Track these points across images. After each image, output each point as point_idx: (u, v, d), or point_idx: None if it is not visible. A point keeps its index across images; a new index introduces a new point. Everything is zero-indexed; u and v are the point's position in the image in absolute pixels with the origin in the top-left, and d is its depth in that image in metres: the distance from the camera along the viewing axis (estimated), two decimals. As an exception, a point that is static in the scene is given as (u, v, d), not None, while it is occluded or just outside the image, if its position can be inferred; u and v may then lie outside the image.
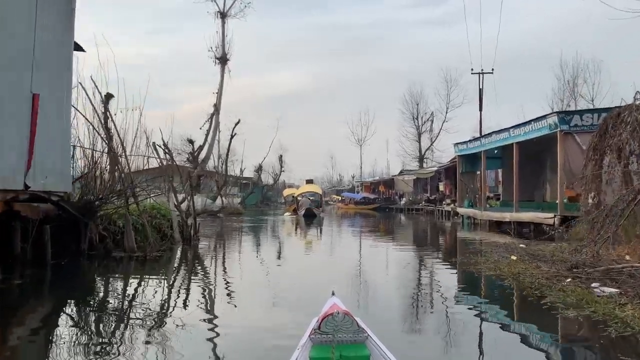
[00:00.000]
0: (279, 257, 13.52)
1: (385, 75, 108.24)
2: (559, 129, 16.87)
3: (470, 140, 25.80)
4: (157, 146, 14.29)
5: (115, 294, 8.00)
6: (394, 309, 6.82)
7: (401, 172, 54.45)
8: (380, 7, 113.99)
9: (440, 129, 57.19)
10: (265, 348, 4.97)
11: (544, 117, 18.01)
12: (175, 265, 11.47)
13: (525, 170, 23.55)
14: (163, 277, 9.67)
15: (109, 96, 25.50)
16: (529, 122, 19.20)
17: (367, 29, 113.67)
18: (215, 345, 5.13)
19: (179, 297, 7.76)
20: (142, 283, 8.89)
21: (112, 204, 11.31)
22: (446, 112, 56.40)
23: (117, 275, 9.78)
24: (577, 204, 19.33)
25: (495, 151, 25.07)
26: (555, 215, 16.97)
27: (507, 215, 20.35)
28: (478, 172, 27.29)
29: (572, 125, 16.81)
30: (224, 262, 12.42)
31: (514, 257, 9.73)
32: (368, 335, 3.73)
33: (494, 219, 21.64)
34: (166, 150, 15.66)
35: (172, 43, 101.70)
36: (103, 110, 25.29)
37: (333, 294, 4.65)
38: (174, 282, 9.11)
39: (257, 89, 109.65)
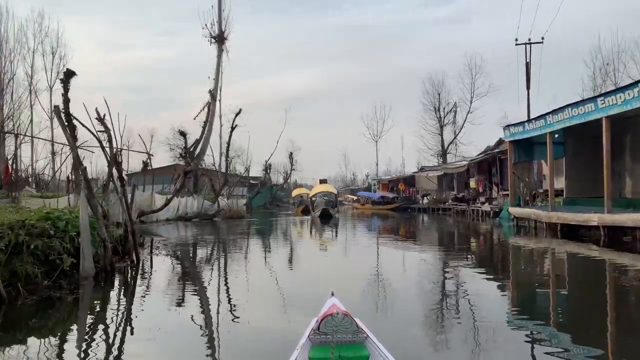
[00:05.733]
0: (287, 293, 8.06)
1: (398, 76, 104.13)
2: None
3: (528, 121, 20.03)
4: (61, 111, 8.95)
5: None
6: None
7: (422, 169, 48.70)
8: (392, 6, 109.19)
9: (465, 120, 51.56)
10: None
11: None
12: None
13: (585, 159, 19.43)
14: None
15: (69, 74, 19.56)
16: (632, 84, 13.59)
17: (377, 30, 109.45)
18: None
19: None
20: None
21: None
22: (471, 102, 50.72)
23: None
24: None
25: (556, 135, 19.57)
26: (688, 218, 11.41)
27: (595, 217, 14.73)
28: (536, 162, 21.84)
29: None
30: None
31: None
32: (367, 335, 3.65)
33: (572, 222, 15.98)
34: (103, 129, 10.39)
35: (183, 44, 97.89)
36: (63, 92, 19.64)
37: (332, 294, 4.46)
38: None
39: (266, 89, 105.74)
